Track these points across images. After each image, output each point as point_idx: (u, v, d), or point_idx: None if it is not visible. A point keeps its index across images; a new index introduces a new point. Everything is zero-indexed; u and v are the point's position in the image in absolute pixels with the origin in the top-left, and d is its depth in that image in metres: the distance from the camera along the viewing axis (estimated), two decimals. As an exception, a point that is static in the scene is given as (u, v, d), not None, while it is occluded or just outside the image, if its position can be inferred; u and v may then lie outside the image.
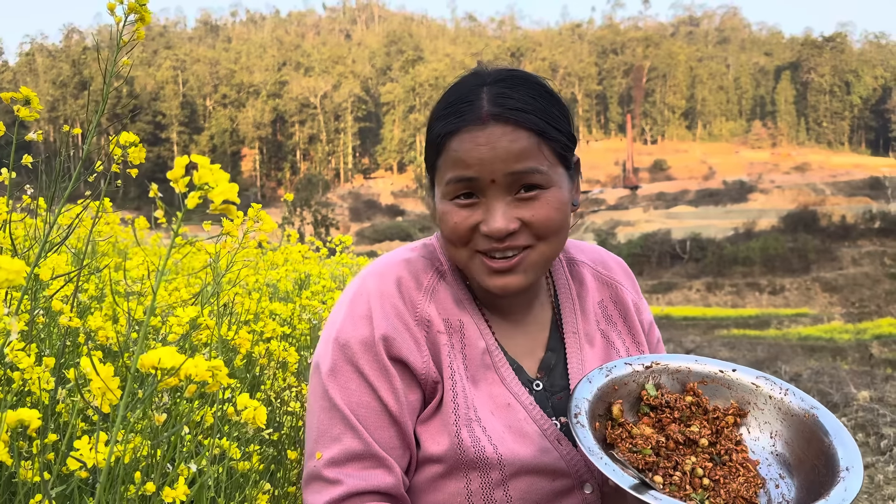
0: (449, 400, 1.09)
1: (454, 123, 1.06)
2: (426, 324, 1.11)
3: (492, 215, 1.05)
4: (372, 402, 1.07)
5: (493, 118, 1.04)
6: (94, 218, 1.36)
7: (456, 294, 1.16)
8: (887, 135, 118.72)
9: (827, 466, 0.98)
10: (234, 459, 1.15)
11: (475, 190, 1.06)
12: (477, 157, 1.04)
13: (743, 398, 1.10)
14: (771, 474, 1.03)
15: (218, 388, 0.83)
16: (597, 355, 1.21)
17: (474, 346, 1.13)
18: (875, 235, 43.34)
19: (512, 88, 1.07)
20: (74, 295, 1.26)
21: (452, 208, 1.07)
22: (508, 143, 1.04)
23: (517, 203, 1.06)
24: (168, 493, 0.88)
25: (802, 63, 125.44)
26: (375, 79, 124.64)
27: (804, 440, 1.05)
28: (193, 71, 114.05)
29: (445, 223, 1.08)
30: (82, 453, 0.80)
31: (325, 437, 1.07)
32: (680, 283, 38.96)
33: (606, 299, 1.27)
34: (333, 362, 1.09)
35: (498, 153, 1.04)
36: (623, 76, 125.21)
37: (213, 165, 0.67)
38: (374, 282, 1.14)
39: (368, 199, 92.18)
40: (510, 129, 1.04)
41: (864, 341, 22.29)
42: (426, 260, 1.18)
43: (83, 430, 1.24)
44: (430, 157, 1.11)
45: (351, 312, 1.12)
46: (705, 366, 1.13)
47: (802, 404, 1.07)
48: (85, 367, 0.74)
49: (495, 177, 1.04)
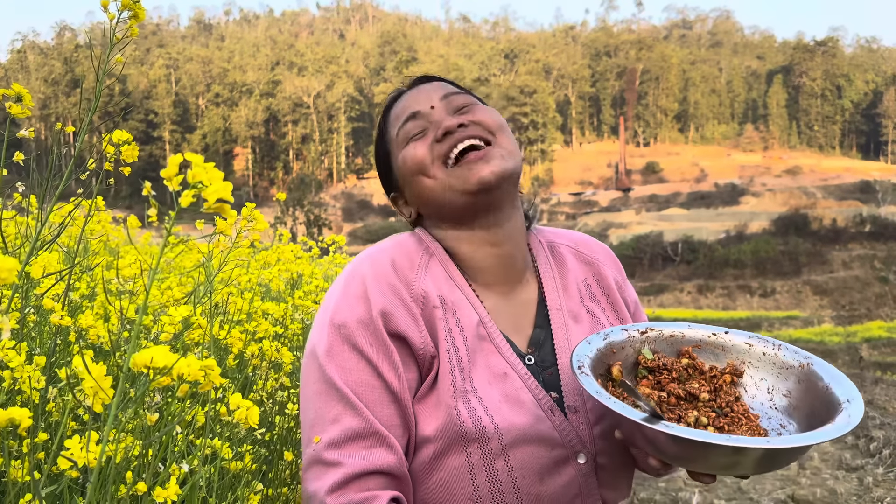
0: (446, 372, 1.09)
1: (390, 97, 1.28)
2: (422, 299, 1.12)
3: (439, 122, 1.19)
4: (372, 380, 1.06)
5: (419, 80, 1.28)
6: (87, 216, 1.35)
7: (446, 270, 1.19)
8: (878, 139, 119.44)
9: (826, 406, 1.00)
10: (226, 459, 1.14)
11: (423, 126, 1.20)
12: (415, 98, 1.23)
13: (737, 358, 1.13)
14: (772, 426, 1.05)
15: (210, 387, 0.82)
16: (583, 331, 1.22)
17: (468, 319, 1.14)
18: (865, 239, 43.58)
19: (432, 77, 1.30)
20: (66, 293, 1.25)
21: (409, 146, 1.20)
22: (436, 86, 1.25)
23: (458, 116, 1.19)
24: (159, 492, 0.88)
25: (794, 67, 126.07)
26: (369, 79, 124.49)
27: (802, 389, 1.07)
28: (186, 70, 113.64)
29: (411, 160, 1.19)
30: (73, 453, 0.80)
31: (322, 420, 1.05)
32: (671, 286, 39.07)
33: (589, 277, 1.30)
34: (330, 344, 1.08)
35: (430, 91, 1.24)
36: (616, 78, 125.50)
37: (207, 164, 0.67)
38: (368, 264, 1.15)
39: (361, 199, 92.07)
40: (436, 84, 1.26)
41: (854, 344, 22.42)
42: (417, 242, 1.21)
43: (73, 430, 1.23)
44: (383, 147, 1.28)
45: (345, 294, 1.12)
46: (698, 331, 1.16)
47: (797, 356, 1.10)
48: (77, 366, 0.73)
49: (433, 102, 1.21)
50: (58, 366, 1.31)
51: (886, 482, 4.91)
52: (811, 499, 4.48)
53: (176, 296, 1.39)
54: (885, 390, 8.96)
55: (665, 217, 69.07)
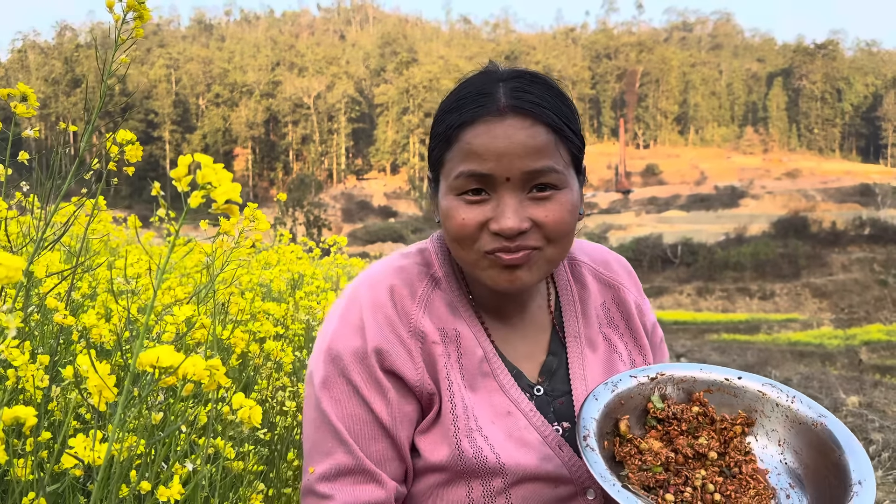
0: (447, 411, 1.07)
1: (469, 114, 1.00)
2: (420, 335, 1.08)
3: (503, 213, 1.00)
4: (364, 415, 1.06)
5: (512, 110, 1.00)
6: (90, 216, 1.36)
7: (451, 301, 1.13)
8: (878, 142, 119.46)
9: (838, 478, 0.97)
10: (229, 459, 1.14)
11: (486, 186, 1.01)
12: (493, 151, 0.99)
13: (749, 406, 1.10)
14: (781, 484, 1.03)
15: (215, 387, 0.83)
16: (599, 359, 1.18)
17: (471, 355, 1.10)
18: (865, 242, 43.55)
19: (529, 84, 1.04)
20: (69, 293, 1.25)
21: (460, 204, 1.02)
22: (527, 138, 0.99)
23: (530, 202, 1.02)
24: (163, 491, 0.88)
25: (794, 70, 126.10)
26: (369, 80, 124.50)
27: (814, 449, 1.04)
28: (187, 70, 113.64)
29: (452, 220, 1.03)
30: (78, 451, 0.80)
31: (317, 451, 1.07)
32: (671, 288, 39.06)
33: (609, 301, 1.25)
34: (325, 374, 1.08)
35: (515, 148, 0.99)
36: (616, 81, 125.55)
37: (216, 165, 0.67)
38: (367, 292, 1.11)
39: (361, 200, 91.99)
40: (529, 123, 1.00)
41: (854, 347, 22.40)
42: (420, 267, 1.15)
43: (75, 429, 1.23)
44: (436, 150, 1.06)
45: (343, 323, 1.10)
46: (710, 374, 1.11)
47: (810, 412, 1.06)
48: (82, 364, 0.73)
49: (511, 174, 0.99)
50: (60, 365, 1.31)
51: (885, 485, 4.91)
52: (810, 501, 4.48)
53: (178, 295, 1.39)
54: (884, 393, 8.96)
55: (665, 219, 69.06)
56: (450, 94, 1.08)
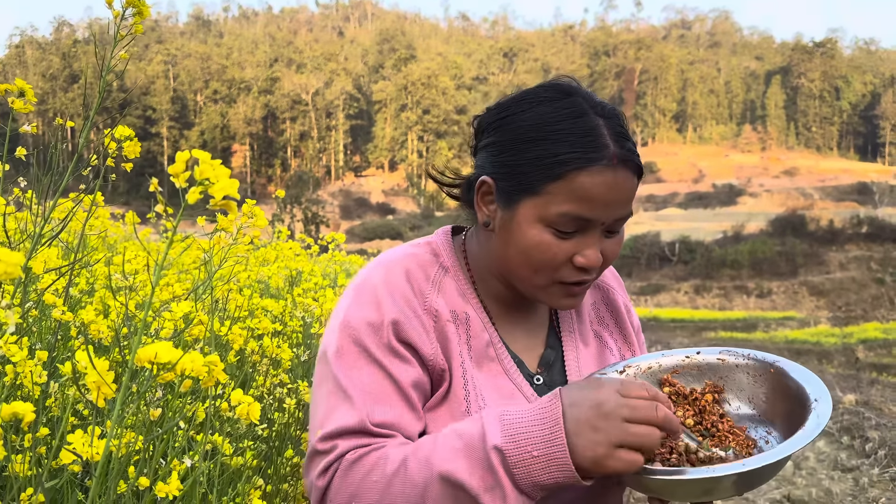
0: (459, 387, 1.09)
1: (585, 157, 1.03)
2: (434, 313, 1.11)
3: (590, 249, 1.06)
4: (379, 378, 1.05)
5: (621, 162, 1.05)
6: (88, 212, 1.35)
7: (460, 288, 1.17)
8: (875, 140, 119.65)
9: (801, 404, 1.05)
10: (227, 455, 1.14)
11: (581, 227, 1.06)
12: (604, 201, 1.04)
13: (715, 374, 1.19)
14: (759, 434, 1.10)
15: (213, 383, 0.83)
16: (591, 355, 1.25)
17: (479, 338, 1.14)
18: (862, 240, 43.68)
19: (623, 127, 1.09)
20: (67, 289, 1.25)
21: (552, 239, 1.06)
22: (629, 190, 1.06)
23: (603, 238, 1.09)
24: (161, 487, 0.88)
25: (793, 68, 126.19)
26: (367, 76, 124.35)
27: (777, 392, 1.13)
28: (184, 66, 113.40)
29: (542, 251, 1.06)
30: (76, 448, 0.80)
31: (326, 416, 1.05)
32: (668, 286, 39.13)
33: (598, 301, 1.32)
34: (339, 345, 1.08)
35: (621, 200, 1.06)
36: (615, 78, 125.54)
37: (214, 161, 0.67)
38: (381, 272, 1.14)
39: (359, 196, 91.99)
40: (630, 175, 1.06)
41: (851, 345, 22.48)
42: (431, 255, 1.19)
43: (73, 425, 1.23)
44: (533, 175, 1.06)
45: (358, 299, 1.11)
46: (672, 357, 1.21)
47: (766, 360, 1.16)
48: (80, 361, 0.73)
49: (607, 220, 1.06)
50: (59, 361, 1.31)
51: (882, 482, 4.93)
52: (807, 499, 4.49)
53: (177, 292, 1.39)
54: (880, 391, 8.99)
55: (662, 217, 69.16)
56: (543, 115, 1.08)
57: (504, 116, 1.12)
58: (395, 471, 0.97)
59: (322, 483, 1.01)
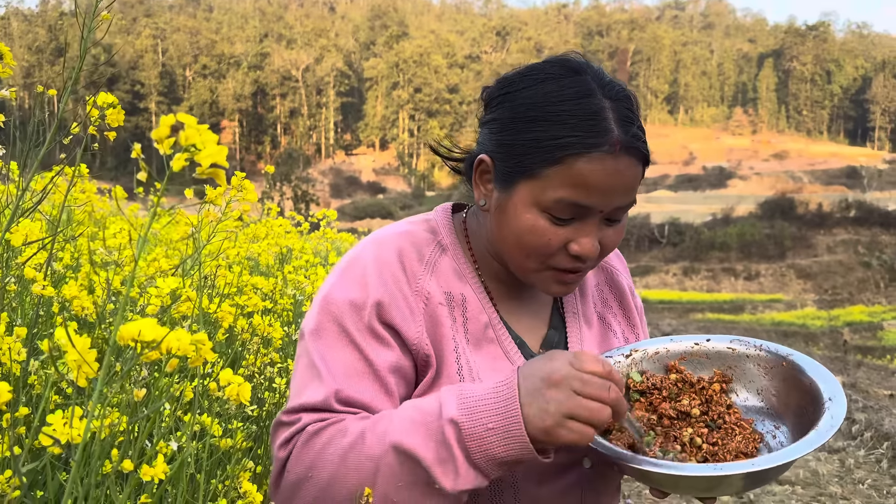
0: (454, 372, 1.06)
1: (585, 142, 0.99)
2: (425, 296, 1.08)
3: (586, 237, 1.03)
4: (353, 360, 1.03)
5: (624, 149, 1.00)
6: (70, 183, 1.30)
7: (458, 268, 1.14)
8: (865, 125, 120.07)
9: (813, 402, 1.02)
10: (215, 437, 1.11)
11: (577, 215, 1.03)
12: (603, 189, 1.00)
13: (723, 364, 1.15)
14: (766, 428, 1.07)
15: (201, 362, 0.78)
16: (594, 336, 1.22)
17: (476, 320, 1.11)
18: (850, 224, 43.89)
19: (631, 111, 1.04)
20: (48, 263, 1.20)
21: (547, 224, 1.02)
22: (631, 178, 1.02)
23: (602, 226, 1.05)
24: (146, 471, 0.84)
25: (785, 51, 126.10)
26: (359, 53, 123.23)
27: (788, 384, 1.09)
28: (173, 40, 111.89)
29: (536, 236, 1.03)
30: (56, 429, 0.76)
31: (299, 392, 1.04)
32: (657, 267, 39.28)
33: (602, 283, 1.29)
34: (318, 323, 1.06)
35: (621, 188, 1.02)
36: (608, 58, 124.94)
37: (200, 126, 0.63)
38: (374, 249, 1.11)
39: (350, 175, 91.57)
40: (633, 163, 1.02)
41: (837, 328, 22.70)
42: (427, 234, 1.16)
43: (56, 404, 1.19)
44: (530, 157, 1.02)
45: (344, 276, 1.09)
46: (681, 343, 1.17)
47: (779, 353, 1.13)
48: (60, 338, 0.69)
49: (606, 208, 1.02)
50: (40, 337, 1.27)
51: (867, 464, 4.97)
52: (794, 480, 4.53)
53: (163, 267, 1.35)
54: (867, 373, 9.07)
55: (653, 199, 69.33)
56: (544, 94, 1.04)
57: (507, 92, 1.07)
58: (351, 443, 0.96)
59: (283, 454, 1.01)
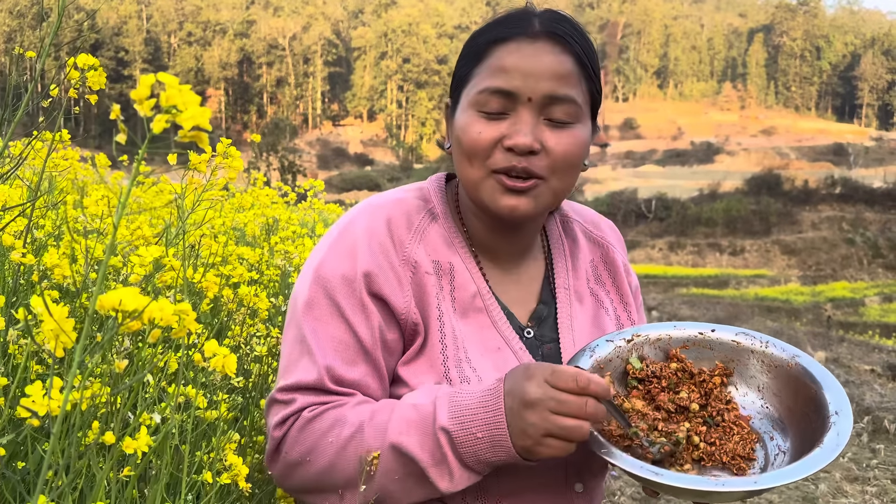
0: (436, 340, 1.07)
1: (504, 32, 1.05)
2: (412, 265, 1.09)
3: (519, 130, 1.03)
4: (346, 338, 1.05)
5: (545, 35, 1.04)
6: (50, 148, 1.26)
7: (448, 236, 1.14)
8: (853, 102, 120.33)
9: (817, 412, 1.00)
10: (200, 409, 1.09)
11: (507, 105, 1.04)
12: (521, 69, 1.02)
13: (726, 356, 1.12)
14: (764, 427, 1.06)
15: (184, 333, 0.76)
16: (585, 312, 1.21)
17: (464, 289, 1.11)
18: (835, 201, 44.15)
19: (563, 19, 1.09)
20: (28, 230, 1.17)
21: (478, 119, 1.04)
22: (554, 62, 1.04)
23: (545, 126, 1.04)
24: (129, 443, 0.82)
25: (775, 26, 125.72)
26: (347, 22, 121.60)
27: (792, 389, 1.07)
28: (158, 6, 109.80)
29: (467, 133, 1.05)
30: (34, 400, 0.73)
31: (289, 368, 1.07)
32: (643, 242, 39.44)
33: (597, 259, 1.28)
34: (311, 296, 1.07)
35: (543, 69, 1.03)
36: (598, 31, 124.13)
37: (182, 86, 0.61)
38: (363, 218, 1.11)
39: (337, 146, 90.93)
40: (559, 50, 1.04)
41: (820, 304, 22.95)
42: (419, 201, 1.16)
43: (38, 374, 1.17)
44: (464, 67, 1.09)
45: (335, 247, 1.09)
46: (685, 330, 1.14)
47: (785, 354, 1.09)
48: (37, 306, 0.66)
49: (534, 95, 1.03)
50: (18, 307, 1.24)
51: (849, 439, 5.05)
52: (775, 452, 4.60)
53: (146, 234, 1.32)
54: (849, 349, 9.19)
55: (640, 174, 69.41)
56: (487, 21, 1.11)
57: None
58: (350, 435, 0.99)
59: (278, 434, 1.04)
